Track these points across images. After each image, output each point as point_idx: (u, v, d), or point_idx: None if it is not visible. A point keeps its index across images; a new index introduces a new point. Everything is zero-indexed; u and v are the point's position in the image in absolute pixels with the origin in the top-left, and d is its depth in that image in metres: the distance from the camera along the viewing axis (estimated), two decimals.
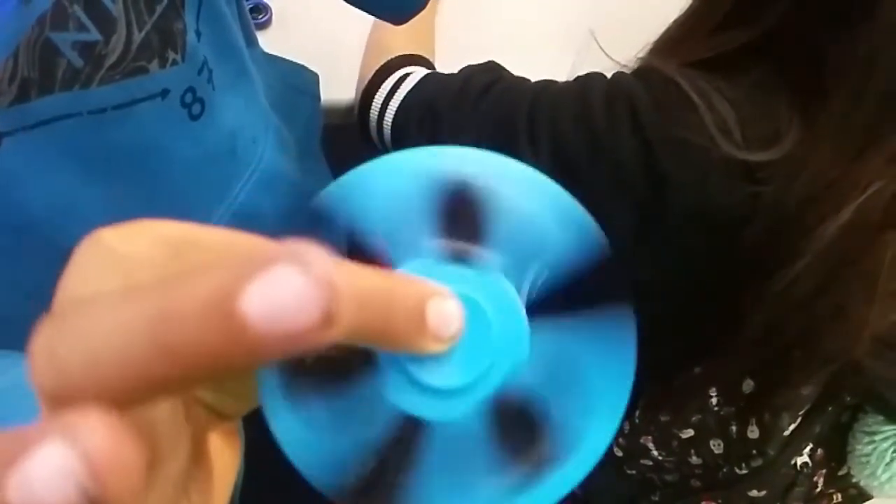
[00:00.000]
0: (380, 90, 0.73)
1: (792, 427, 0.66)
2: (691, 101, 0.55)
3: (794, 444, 0.66)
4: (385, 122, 0.73)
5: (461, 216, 0.23)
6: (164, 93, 0.41)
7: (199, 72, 0.43)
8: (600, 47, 0.66)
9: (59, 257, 0.41)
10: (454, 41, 0.84)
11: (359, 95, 0.75)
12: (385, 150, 0.74)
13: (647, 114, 0.56)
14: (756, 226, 0.54)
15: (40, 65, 0.35)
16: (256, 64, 0.55)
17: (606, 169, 0.59)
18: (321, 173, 0.66)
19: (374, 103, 0.73)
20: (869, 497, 0.75)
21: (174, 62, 0.41)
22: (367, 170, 0.23)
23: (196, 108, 0.44)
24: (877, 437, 0.67)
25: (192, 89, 0.43)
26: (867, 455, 0.68)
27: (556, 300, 0.23)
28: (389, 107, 0.72)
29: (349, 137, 0.77)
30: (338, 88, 0.77)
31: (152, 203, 0.45)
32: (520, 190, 0.24)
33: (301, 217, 0.23)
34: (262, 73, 0.56)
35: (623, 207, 0.59)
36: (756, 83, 0.56)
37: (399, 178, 0.23)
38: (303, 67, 0.68)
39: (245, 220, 0.52)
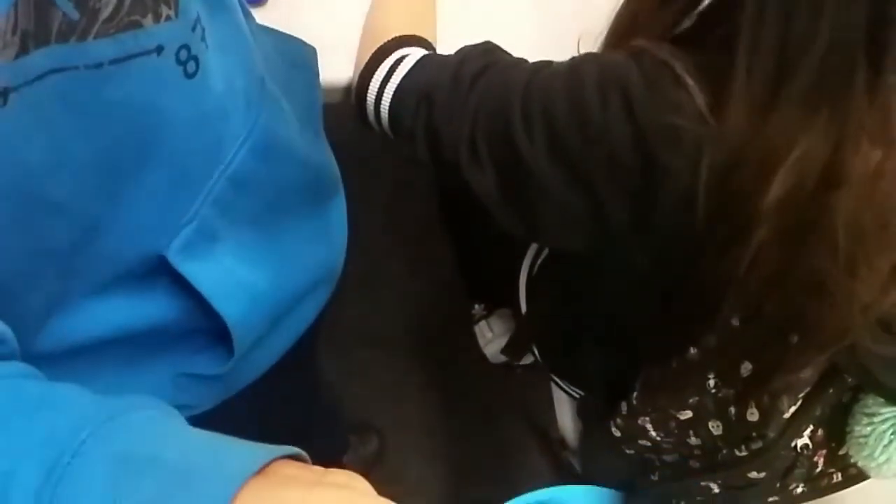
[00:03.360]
0: (375, 74, 0.70)
1: (792, 409, 0.64)
2: (685, 83, 0.53)
3: (794, 426, 0.64)
4: (382, 107, 0.69)
5: None
6: (160, 49, 0.40)
7: (193, 28, 0.42)
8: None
9: (45, 210, 0.37)
10: (451, 26, 0.81)
11: (355, 79, 0.73)
12: (383, 134, 0.73)
13: (640, 100, 0.54)
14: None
15: (36, 16, 0.33)
16: (253, 34, 0.53)
17: (600, 155, 0.56)
18: (322, 148, 0.64)
19: (370, 88, 0.70)
20: (868, 476, 0.74)
21: (168, 17, 0.39)
22: None
23: (191, 66, 0.42)
24: (875, 419, 0.66)
25: (186, 46, 0.41)
26: (865, 436, 0.66)
27: None
28: (386, 92, 0.69)
29: (347, 117, 0.75)
30: (336, 68, 0.74)
31: (147, 163, 0.43)
32: None
33: None
34: (259, 43, 0.55)
35: (617, 193, 0.57)
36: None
37: None
38: (300, 41, 0.65)
39: (241, 187, 0.49)
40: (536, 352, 1.01)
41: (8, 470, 0.32)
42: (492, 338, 1.45)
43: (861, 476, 0.75)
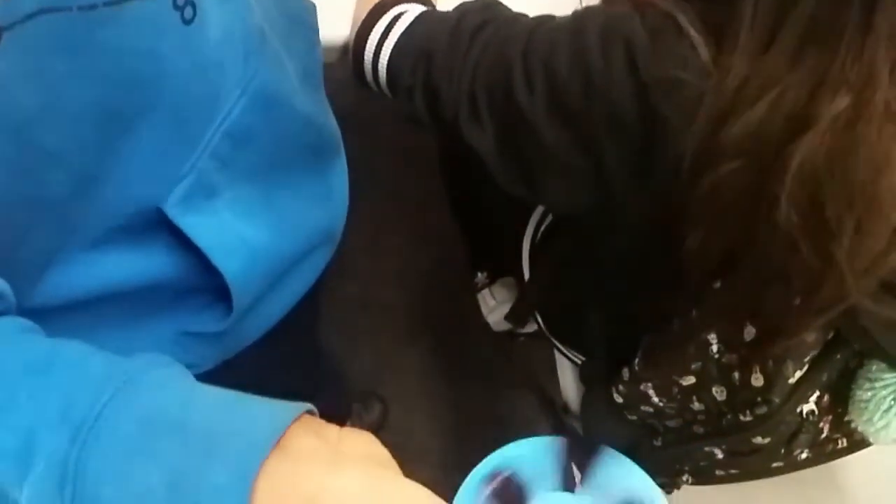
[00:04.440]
0: (373, 32, 0.67)
1: (798, 374, 0.63)
2: (689, 36, 0.51)
3: (800, 391, 0.62)
4: (380, 65, 0.68)
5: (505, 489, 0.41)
6: None
7: None
8: None
9: (39, 157, 0.35)
10: None
11: (352, 37, 0.71)
12: (381, 93, 0.71)
13: (643, 54, 0.52)
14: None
15: None
16: None
17: (601, 110, 0.55)
18: (323, 107, 0.63)
19: (367, 45, 0.68)
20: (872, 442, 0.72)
21: None
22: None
23: (188, 12, 0.40)
24: (877, 384, 0.64)
25: None
26: (866, 401, 0.65)
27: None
28: (383, 49, 0.67)
29: (348, 85, 0.73)
30: (333, 25, 0.72)
31: (144, 112, 0.41)
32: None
33: None
34: None
35: (618, 149, 0.56)
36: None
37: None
38: None
39: (238, 142, 0.48)
40: (539, 318, 0.99)
41: (27, 432, 0.32)
42: (494, 306, 1.44)
43: (865, 442, 0.73)
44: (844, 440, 0.72)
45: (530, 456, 0.41)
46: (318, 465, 0.32)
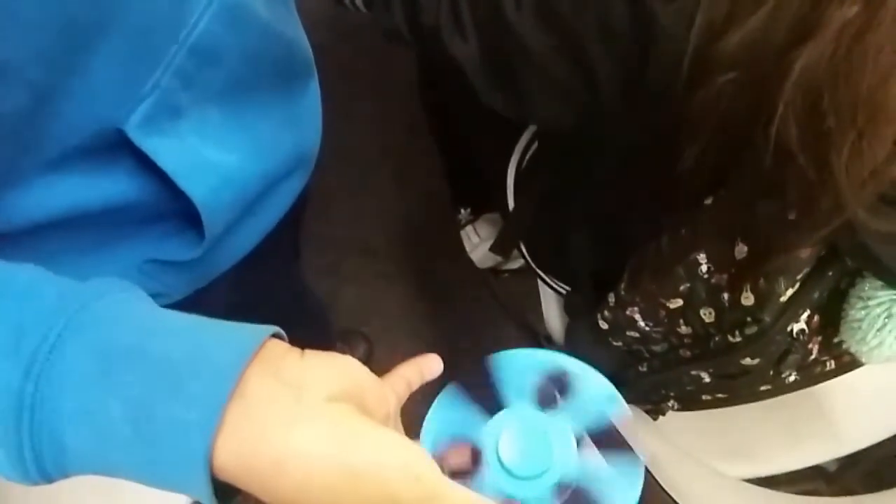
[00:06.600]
0: None
1: (790, 292, 0.61)
2: None
3: (791, 309, 0.60)
4: None
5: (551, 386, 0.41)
6: None
7: None
8: None
9: None
10: None
11: None
12: (356, 9, 0.66)
13: None
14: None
15: None
16: None
17: (593, 17, 0.51)
18: (294, 23, 0.58)
19: None
20: (860, 364, 0.71)
21: None
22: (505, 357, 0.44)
23: None
24: (871, 303, 0.62)
25: None
26: (859, 320, 0.63)
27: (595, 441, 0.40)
28: None
29: (324, 22, 0.69)
30: None
31: (104, 25, 0.38)
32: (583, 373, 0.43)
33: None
34: None
35: (610, 59, 0.52)
36: None
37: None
38: None
39: (204, 59, 0.44)
40: (524, 249, 0.97)
41: None
42: (478, 242, 1.41)
43: (853, 364, 0.72)
44: (832, 362, 0.70)
45: (593, 394, 0.42)
46: (280, 421, 0.31)
